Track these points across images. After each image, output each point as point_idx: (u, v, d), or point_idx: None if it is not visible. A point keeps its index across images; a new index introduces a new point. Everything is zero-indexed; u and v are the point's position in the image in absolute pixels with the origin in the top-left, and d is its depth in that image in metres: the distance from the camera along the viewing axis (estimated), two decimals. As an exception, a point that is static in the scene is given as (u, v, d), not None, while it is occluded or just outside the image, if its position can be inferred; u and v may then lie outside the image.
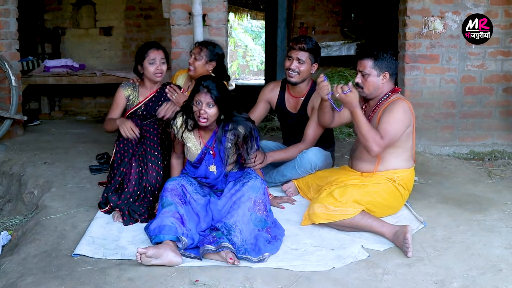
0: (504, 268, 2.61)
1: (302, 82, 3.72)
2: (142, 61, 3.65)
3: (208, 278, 2.50)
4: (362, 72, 3.21)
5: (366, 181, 3.19)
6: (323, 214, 3.03)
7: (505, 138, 4.89)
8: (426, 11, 4.73)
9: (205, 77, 3.03)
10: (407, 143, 3.24)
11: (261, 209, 2.91)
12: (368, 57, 3.19)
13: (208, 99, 2.92)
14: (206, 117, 2.94)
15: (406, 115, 3.16)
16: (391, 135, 3.09)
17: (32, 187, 3.88)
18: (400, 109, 3.14)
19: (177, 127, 3.09)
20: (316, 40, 3.79)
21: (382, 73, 3.19)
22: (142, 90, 3.76)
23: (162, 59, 3.65)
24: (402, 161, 3.24)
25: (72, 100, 7.65)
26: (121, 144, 3.44)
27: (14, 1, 5.10)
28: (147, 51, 3.64)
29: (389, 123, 3.10)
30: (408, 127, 3.18)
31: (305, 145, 3.64)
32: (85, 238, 2.93)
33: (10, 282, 2.53)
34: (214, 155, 3.10)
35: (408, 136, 3.22)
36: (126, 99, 3.72)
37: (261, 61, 17.89)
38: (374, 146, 3.05)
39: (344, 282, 2.50)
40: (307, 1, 8.49)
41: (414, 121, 3.25)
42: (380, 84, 3.21)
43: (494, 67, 4.82)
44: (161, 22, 7.37)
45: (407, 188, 3.26)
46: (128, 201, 3.24)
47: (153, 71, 3.63)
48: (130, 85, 3.76)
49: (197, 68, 3.79)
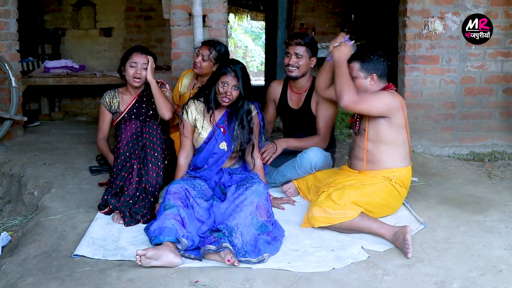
0: (504, 269, 2.61)
1: (303, 76, 3.79)
2: (124, 62, 3.68)
3: (208, 279, 2.50)
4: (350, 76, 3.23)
5: (364, 181, 3.18)
6: (322, 218, 3.03)
7: (505, 139, 4.89)
8: (426, 12, 4.73)
9: (234, 61, 3.25)
10: (398, 139, 3.20)
11: (262, 214, 2.92)
12: (354, 60, 3.22)
13: (234, 82, 3.15)
14: (230, 98, 3.17)
15: (392, 99, 3.13)
16: (367, 100, 3.11)
17: (32, 188, 3.87)
18: (386, 93, 3.17)
19: (189, 111, 3.28)
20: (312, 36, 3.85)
21: (369, 75, 3.20)
22: (123, 97, 3.80)
23: (144, 64, 3.65)
24: (397, 160, 3.22)
25: (72, 101, 7.66)
26: (121, 150, 3.39)
27: (14, 2, 5.10)
28: (131, 53, 3.67)
29: (370, 95, 3.15)
30: (392, 111, 3.13)
31: (319, 138, 3.75)
32: (85, 239, 2.93)
33: (10, 283, 2.53)
34: (224, 132, 3.25)
35: (398, 131, 3.18)
36: (109, 110, 3.81)
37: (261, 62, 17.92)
38: (346, 96, 3.08)
39: (344, 283, 2.50)
40: (307, 2, 8.49)
41: (405, 117, 3.19)
42: (369, 86, 3.22)
43: (494, 68, 4.83)
44: (161, 23, 7.39)
45: (404, 186, 3.26)
46: (128, 203, 3.22)
47: (132, 74, 3.65)
48: (108, 95, 3.83)
49: (203, 68, 3.91)
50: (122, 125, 3.46)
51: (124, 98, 3.80)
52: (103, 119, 3.87)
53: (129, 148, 3.40)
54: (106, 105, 3.83)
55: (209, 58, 3.86)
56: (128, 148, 3.40)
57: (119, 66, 3.75)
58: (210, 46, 3.89)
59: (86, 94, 7.59)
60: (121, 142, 3.41)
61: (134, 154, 3.39)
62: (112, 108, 3.81)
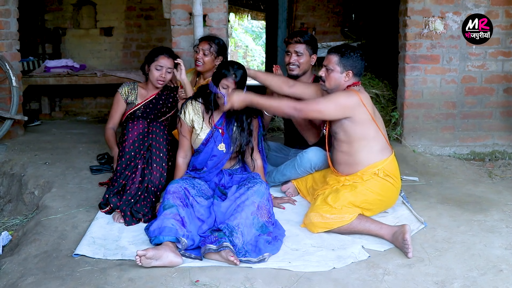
0: (505, 269, 2.61)
1: (304, 74, 3.79)
2: (150, 63, 3.73)
3: (208, 278, 2.50)
4: (326, 67, 3.23)
5: (355, 180, 3.16)
6: (320, 223, 3.03)
7: (505, 139, 4.89)
8: (426, 11, 4.73)
9: (232, 63, 3.22)
10: (369, 134, 3.14)
11: (263, 215, 2.92)
12: (334, 53, 3.21)
13: (234, 85, 3.14)
14: None
15: (345, 98, 3.10)
16: (314, 104, 3.14)
17: (32, 188, 3.88)
18: (339, 93, 3.15)
19: (187, 112, 3.26)
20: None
21: (345, 71, 3.18)
22: (142, 91, 3.83)
23: (169, 68, 3.73)
24: (375, 154, 3.16)
25: (73, 100, 7.65)
26: (127, 149, 3.38)
27: (14, 1, 5.10)
28: (158, 56, 3.72)
29: (321, 99, 3.17)
30: (350, 110, 3.09)
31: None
32: (85, 239, 2.93)
33: (10, 283, 2.53)
34: (222, 133, 3.23)
35: (366, 126, 3.13)
36: (125, 100, 3.79)
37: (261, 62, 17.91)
38: (286, 110, 3.14)
39: (345, 282, 2.50)
40: (308, 1, 8.48)
41: (368, 110, 3.12)
42: (342, 81, 3.20)
43: (494, 68, 4.82)
44: (162, 22, 7.38)
45: (394, 176, 3.18)
46: (130, 202, 3.22)
47: (156, 77, 3.72)
48: (127, 85, 3.84)
49: (206, 63, 3.87)
50: (129, 124, 3.46)
51: (142, 92, 3.85)
52: (117, 108, 3.85)
53: (135, 148, 3.40)
54: (123, 95, 3.83)
55: (210, 52, 3.85)
56: (133, 148, 3.39)
57: (143, 64, 3.82)
58: (209, 41, 3.89)
59: (87, 94, 7.59)
60: (127, 141, 3.40)
61: (140, 154, 3.39)
62: (129, 98, 3.82)
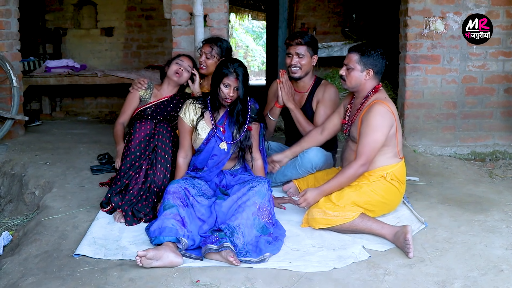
0: (506, 269, 2.61)
1: (306, 76, 3.79)
2: (171, 61, 3.86)
3: (209, 278, 2.50)
4: (347, 66, 3.24)
5: (361, 181, 3.18)
6: (322, 219, 3.03)
7: (506, 139, 4.89)
8: (427, 11, 4.73)
9: (233, 61, 3.21)
10: (391, 142, 3.19)
11: (264, 216, 2.92)
12: (355, 52, 3.22)
13: (236, 83, 3.13)
14: (232, 98, 3.16)
15: (387, 120, 3.12)
16: (368, 152, 3.09)
17: (33, 188, 3.88)
18: (380, 117, 3.11)
19: (187, 112, 3.27)
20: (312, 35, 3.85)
21: (366, 69, 3.20)
22: (156, 92, 3.89)
23: (188, 67, 3.82)
24: (388, 158, 3.20)
25: (73, 100, 7.66)
26: (132, 149, 3.37)
27: (15, 1, 5.10)
28: (180, 56, 3.89)
29: (367, 142, 3.09)
30: (391, 128, 3.14)
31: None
32: (86, 239, 2.93)
33: (11, 283, 2.53)
34: (224, 132, 3.22)
35: (392, 136, 3.18)
36: (140, 97, 3.87)
37: (262, 62, 17.91)
38: (362, 170, 3.10)
39: (345, 282, 2.50)
40: (308, 1, 8.48)
41: (396, 121, 3.17)
42: (363, 80, 3.22)
43: (495, 68, 4.82)
44: (162, 22, 7.39)
45: (401, 181, 3.22)
46: (132, 202, 3.22)
47: (174, 69, 3.80)
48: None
49: (209, 66, 3.86)
50: (137, 124, 3.46)
51: (157, 93, 3.89)
52: (130, 103, 3.87)
53: (141, 149, 3.39)
54: (141, 91, 3.88)
55: (212, 55, 3.84)
56: (139, 148, 3.39)
57: (164, 65, 3.92)
58: (211, 43, 3.89)
59: (87, 94, 7.60)
60: (133, 141, 3.40)
61: (145, 155, 3.39)
62: (143, 95, 3.86)
